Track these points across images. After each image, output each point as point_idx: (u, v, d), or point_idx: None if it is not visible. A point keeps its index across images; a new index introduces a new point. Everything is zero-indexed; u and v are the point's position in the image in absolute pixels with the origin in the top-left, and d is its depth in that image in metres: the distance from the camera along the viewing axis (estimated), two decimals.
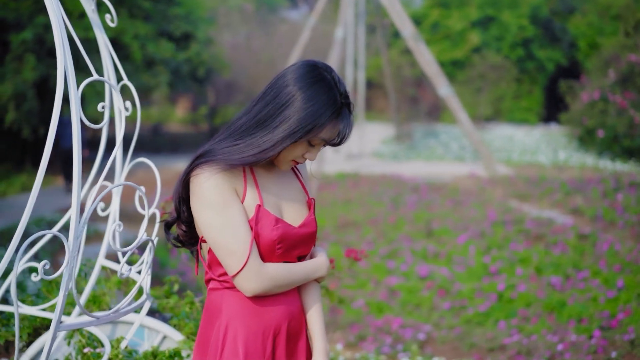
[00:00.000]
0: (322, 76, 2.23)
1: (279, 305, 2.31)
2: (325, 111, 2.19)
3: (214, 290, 2.32)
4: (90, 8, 2.67)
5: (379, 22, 21.12)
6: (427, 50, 16.49)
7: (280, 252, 2.27)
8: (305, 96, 2.18)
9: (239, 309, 2.27)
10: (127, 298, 2.28)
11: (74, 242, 1.91)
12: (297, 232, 2.32)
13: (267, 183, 2.33)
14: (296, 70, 2.25)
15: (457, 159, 20.19)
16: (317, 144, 2.27)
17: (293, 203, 2.38)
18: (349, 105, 2.27)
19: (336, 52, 16.73)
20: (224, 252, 2.19)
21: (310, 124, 2.18)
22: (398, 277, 8.19)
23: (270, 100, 2.22)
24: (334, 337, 6.45)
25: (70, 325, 2.07)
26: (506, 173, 16.34)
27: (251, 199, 2.25)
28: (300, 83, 2.20)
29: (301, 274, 2.34)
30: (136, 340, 3.02)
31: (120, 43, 16.09)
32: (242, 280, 2.19)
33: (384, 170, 17.26)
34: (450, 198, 13.17)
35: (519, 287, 7.43)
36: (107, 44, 2.76)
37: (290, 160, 2.30)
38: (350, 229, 10.89)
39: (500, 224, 10.54)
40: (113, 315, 2.24)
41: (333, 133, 2.25)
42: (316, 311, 2.43)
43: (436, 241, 9.87)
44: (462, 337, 6.30)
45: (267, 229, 2.23)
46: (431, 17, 32.58)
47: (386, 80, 21.97)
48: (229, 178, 2.21)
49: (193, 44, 19.13)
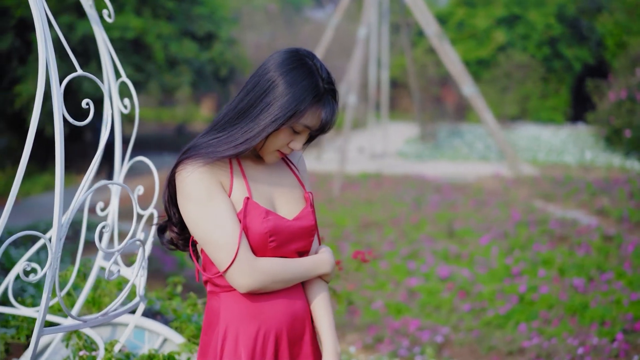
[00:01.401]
0: (303, 62, 2.18)
1: (279, 305, 2.22)
2: (306, 96, 2.13)
3: (212, 295, 2.25)
4: (88, 4, 2.61)
5: (403, 21, 21.00)
6: (452, 49, 16.35)
7: (274, 246, 2.19)
8: (286, 81, 2.13)
9: (237, 312, 2.19)
10: (116, 300, 2.21)
11: (57, 244, 1.85)
12: (291, 225, 2.23)
13: (256, 175, 2.26)
14: (277, 57, 2.20)
15: (482, 158, 20.02)
16: (301, 130, 2.20)
17: (287, 196, 2.30)
18: (333, 92, 2.20)
19: (359, 51, 16.64)
20: (213, 248, 2.11)
21: (291, 110, 2.11)
22: (418, 278, 8.09)
23: (251, 88, 2.17)
24: (350, 338, 6.37)
25: (55, 329, 2.01)
26: (531, 173, 16.17)
27: (239, 192, 2.18)
28: (281, 69, 2.15)
29: (300, 270, 2.24)
30: (136, 343, 2.96)
31: (143, 43, 16.10)
32: (234, 275, 2.11)
33: (407, 170, 17.14)
34: (473, 198, 13.04)
35: (541, 289, 7.31)
36: (105, 40, 2.70)
37: (275, 150, 2.23)
38: (371, 229, 10.80)
39: (524, 224, 10.40)
40: (102, 318, 2.18)
41: (315, 119, 2.18)
42: (324, 310, 2.32)
43: (458, 242, 9.76)
44: (481, 339, 6.19)
45: (257, 221, 2.15)
46: (457, 16, 32.36)
47: (410, 79, 21.84)
48: (213, 171, 2.15)
49: (216, 44, 19.11)
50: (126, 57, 15.97)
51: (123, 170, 2.71)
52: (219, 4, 20.05)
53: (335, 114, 2.21)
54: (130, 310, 2.57)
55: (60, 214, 1.87)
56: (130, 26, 15.14)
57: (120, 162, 2.74)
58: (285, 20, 31.54)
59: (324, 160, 19.30)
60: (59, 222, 1.86)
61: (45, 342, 2.92)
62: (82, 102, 2.66)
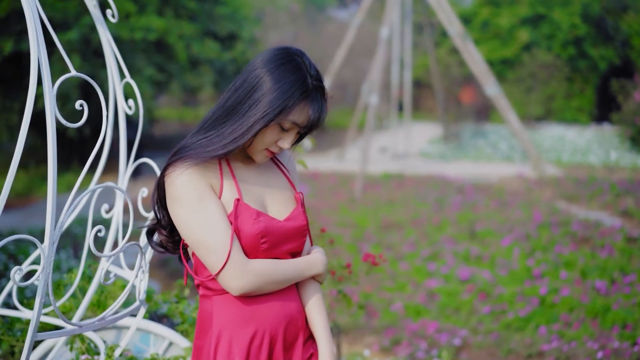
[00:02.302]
0: (291, 58, 2.15)
1: (273, 308, 2.19)
2: (294, 92, 2.10)
3: (205, 298, 2.22)
4: (92, 4, 2.58)
5: (426, 21, 20.92)
6: (475, 49, 16.24)
7: (266, 247, 2.16)
8: (273, 77, 2.11)
9: (231, 316, 2.15)
10: (114, 305, 2.19)
11: (49, 248, 1.83)
12: (283, 225, 2.20)
13: (246, 176, 2.23)
14: (265, 54, 2.18)
15: (506, 159, 19.87)
16: (290, 128, 2.17)
17: (277, 197, 2.28)
18: (322, 90, 2.18)
19: (381, 51, 16.58)
20: (204, 251, 2.08)
21: (280, 105, 2.09)
22: (438, 280, 8.03)
23: (239, 85, 2.15)
24: (367, 341, 6.33)
25: (49, 334, 1.99)
26: (555, 174, 16.03)
27: (229, 193, 2.15)
28: (269, 66, 2.13)
29: (292, 271, 2.21)
30: (142, 347, 2.93)
31: (166, 43, 16.14)
32: (226, 278, 2.08)
33: (430, 171, 17.06)
34: (496, 199, 12.94)
35: (562, 292, 7.22)
36: (110, 41, 2.67)
37: (263, 149, 2.20)
38: (392, 230, 10.74)
39: (546, 225, 10.30)
40: (99, 322, 2.15)
41: (304, 116, 2.16)
42: (318, 312, 2.30)
43: (479, 243, 9.67)
44: (500, 342, 6.12)
45: (248, 223, 2.12)
46: (481, 16, 32.17)
47: (433, 79, 21.75)
48: (203, 173, 2.12)
49: (238, 44, 19.12)
50: (149, 57, 16.03)
51: (128, 172, 2.69)
52: (241, 4, 20.06)
53: (323, 112, 2.19)
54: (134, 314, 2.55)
55: (52, 218, 1.84)
56: (153, 27, 15.18)
57: (125, 164, 2.71)
58: (308, 20, 31.52)
59: (346, 160, 19.26)
60: (51, 226, 1.84)
61: (49, 345, 2.90)
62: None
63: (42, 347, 2.91)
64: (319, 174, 16.37)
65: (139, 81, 15.27)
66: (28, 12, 1.85)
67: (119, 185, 2.44)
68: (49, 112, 1.83)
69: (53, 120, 1.83)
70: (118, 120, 2.74)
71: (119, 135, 2.42)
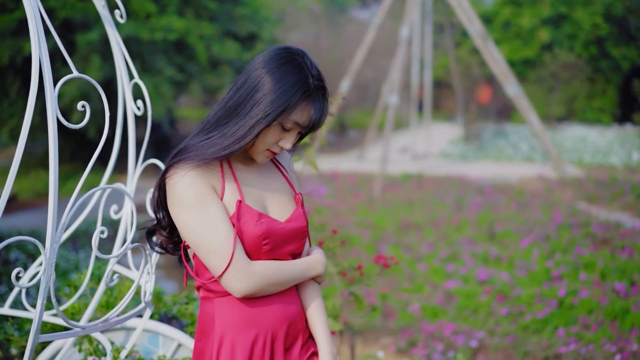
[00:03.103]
0: (292, 58, 2.14)
1: (275, 310, 2.18)
2: (296, 91, 2.10)
3: (206, 300, 2.21)
4: (100, 4, 2.58)
5: (447, 21, 20.85)
6: (495, 49, 16.17)
7: (268, 249, 2.15)
8: (275, 77, 2.10)
9: (233, 318, 2.15)
10: (117, 307, 2.19)
11: (51, 250, 1.83)
12: (284, 227, 2.20)
13: (247, 178, 2.22)
14: (266, 54, 2.17)
15: (527, 159, 19.76)
16: (291, 128, 2.16)
17: (278, 198, 2.27)
18: (323, 89, 2.18)
19: (401, 51, 16.54)
20: (207, 253, 2.07)
21: (282, 105, 2.08)
22: (456, 281, 7.99)
23: (240, 86, 2.14)
24: (384, 342, 6.31)
25: (51, 336, 1.99)
26: (576, 174, 15.93)
27: (231, 195, 2.14)
28: (270, 65, 2.12)
29: (294, 272, 2.21)
30: (151, 348, 2.93)
31: (186, 44, 16.19)
32: (229, 280, 2.07)
33: (450, 171, 17.00)
34: (515, 200, 12.87)
35: (581, 293, 7.16)
36: (118, 41, 2.67)
37: (265, 149, 2.19)
38: (411, 230, 10.70)
39: (566, 227, 10.23)
40: (102, 324, 2.15)
41: (305, 115, 2.15)
42: (318, 312, 2.30)
43: (498, 244, 9.62)
44: (517, 344, 6.08)
45: (250, 224, 2.12)
46: (502, 16, 32.03)
47: (454, 79, 21.67)
48: (205, 175, 2.11)
49: (258, 44, 19.14)
50: (169, 58, 16.08)
51: (137, 172, 2.69)
52: (262, 4, 20.08)
53: (325, 112, 2.19)
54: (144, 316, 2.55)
55: (54, 220, 1.84)
56: (173, 27, 15.23)
57: (133, 165, 2.71)
58: (329, 21, 31.50)
59: (366, 160, 19.24)
60: (52, 227, 1.84)
61: (59, 345, 2.91)
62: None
63: (51, 347, 2.92)
64: (338, 174, 16.35)
65: (159, 81, 15.31)
66: (30, 12, 1.85)
67: (128, 186, 2.44)
68: (50, 113, 1.82)
69: (54, 122, 1.83)
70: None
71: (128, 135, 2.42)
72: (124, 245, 2.13)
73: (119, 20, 2.55)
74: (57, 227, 1.84)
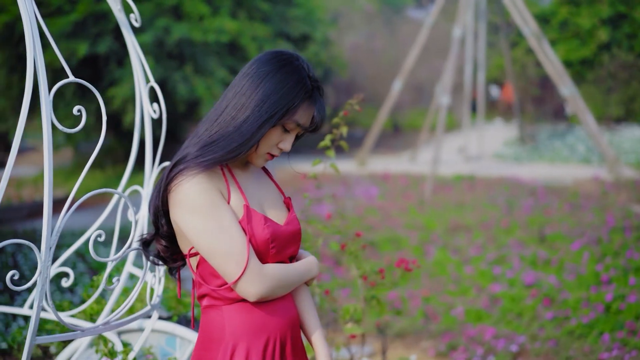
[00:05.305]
0: (289, 60, 2.17)
1: (281, 313, 2.21)
2: (298, 91, 2.12)
3: (212, 309, 2.19)
4: (117, 8, 2.61)
5: (502, 21, 20.64)
6: (550, 49, 15.94)
7: (274, 252, 2.17)
8: (276, 79, 2.12)
9: (244, 325, 2.15)
10: (119, 309, 2.20)
11: (46, 252, 1.85)
12: (285, 230, 2.22)
13: (246, 182, 2.24)
14: (263, 57, 2.19)
15: (583, 161, 19.45)
16: (292, 129, 2.18)
17: (273, 202, 2.30)
18: (319, 89, 2.20)
19: (454, 51, 16.41)
20: (221, 258, 2.06)
21: (285, 106, 2.11)
22: (502, 284, 7.90)
23: (239, 89, 2.14)
24: (424, 345, 6.26)
25: (49, 338, 2.01)
26: (632, 176, 15.60)
27: (236, 199, 2.15)
28: (269, 67, 2.14)
29: (297, 274, 2.24)
30: (168, 350, 2.96)
31: (238, 45, 16.29)
32: (246, 284, 2.07)
33: (502, 173, 16.82)
34: (568, 202, 12.67)
35: (629, 298, 7.01)
36: (135, 44, 2.69)
37: (265, 152, 2.20)
38: (460, 232, 10.62)
39: (619, 230, 10.03)
40: (102, 327, 2.17)
41: (307, 115, 2.17)
42: (312, 315, 2.34)
43: (548, 247, 9.48)
44: (558, 350, 5.98)
45: (259, 228, 2.13)
46: (560, 15, 31.53)
47: (509, 80, 21.42)
48: (212, 180, 2.11)
49: (311, 45, 19.18)
50: (221, 59, 16.20)
51: (153, 174, 2.71)
52: (316, 5, 20.11)
53: (324, 111, 2.21)
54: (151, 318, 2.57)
55: (49, 224, 1.86)
56: (225, 29, 15.34)
57: (150, 167, 2.73)
58: (384, 21, 31.41)
59: (418, 161, 19.14)
60: (48, 230, 1.86)
61: (74, 346, 2.95)
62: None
63: (69, 348, 2.96)
64: (389, 175, 16.30)
65: (212, 83, 15.44)
66: (25, 16, 1.87)
67: (145, 188, 2.46)
68: (45, 116, 1.84)
69: (49, 124, 1.85)
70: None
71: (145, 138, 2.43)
72: (122, 249, 2.15)
73: (134, 24, 2.57)
74: (52, 231, 1.86)
